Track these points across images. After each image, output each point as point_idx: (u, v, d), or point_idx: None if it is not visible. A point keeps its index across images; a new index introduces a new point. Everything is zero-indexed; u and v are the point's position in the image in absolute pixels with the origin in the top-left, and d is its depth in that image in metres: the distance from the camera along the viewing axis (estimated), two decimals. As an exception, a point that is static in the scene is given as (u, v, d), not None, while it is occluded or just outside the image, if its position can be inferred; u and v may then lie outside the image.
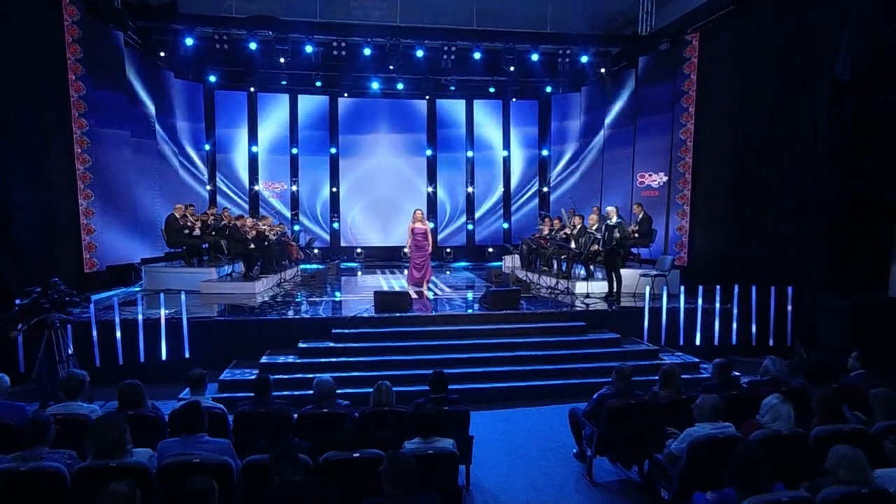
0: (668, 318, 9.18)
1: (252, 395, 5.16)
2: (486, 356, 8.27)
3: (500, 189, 18.64)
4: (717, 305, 9.14)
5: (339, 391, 7.46)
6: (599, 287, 10.97)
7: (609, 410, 5.25)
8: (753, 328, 9.09)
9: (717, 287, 9.10)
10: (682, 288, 9.25)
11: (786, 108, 9.61)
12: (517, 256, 14.53)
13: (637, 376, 7.96)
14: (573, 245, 11.70)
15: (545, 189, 18.42)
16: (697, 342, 9.17)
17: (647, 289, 9.36)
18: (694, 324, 9.19)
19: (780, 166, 9.76)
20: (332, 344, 8.37)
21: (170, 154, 14.63)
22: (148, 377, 7.84)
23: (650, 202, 12.68)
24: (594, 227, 11.32)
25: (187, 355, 8.20)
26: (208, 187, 16.64)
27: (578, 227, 12.03)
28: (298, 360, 8.03)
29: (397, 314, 9.01)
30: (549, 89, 17.69)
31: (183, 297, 8.27)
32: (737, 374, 8.03)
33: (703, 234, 11.67)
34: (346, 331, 8.57)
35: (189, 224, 12.03)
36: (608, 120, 15.19)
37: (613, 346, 8.78)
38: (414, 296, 10.90)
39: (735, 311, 9.12)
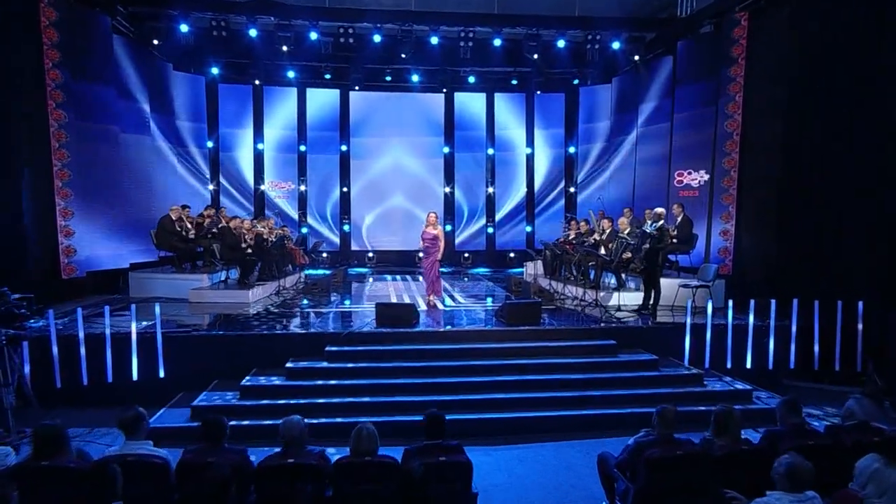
0: (712, 335, 8.11)
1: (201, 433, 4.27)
2: (500, 380, 7.33)
3: (523, 189, 17.68)
4: (772, 322, 8.03)
5: (331, 420, 6.65)
6: (632, 299, 9.95)
7: (649, 462, 4.26)
8: (816, 349, 7.96)
9: (773, 301, 7.99)
10: (731, 302, 8.15)
11: (852, 96, 8.51)
12: (540, 262, 13.52)
13: (676, 406, 7.03)
14: (602, 251, 10.69)
15: (572, 189, 17.39)
16: (748, 365, 8.08)
17: (689, 302, 8.30)
18: (744, 343, 8.10)
19: (845, 162, 8.64)
20: (324, 364, 7.50)
21: (167, 151, 14.01)
22: (117, 399, 7.17)
23: (689, 203, 11.57)
24: (626, 231, 10.32)
25: (162, 375, 7.42)
26: (210, 187, 15.97)
27: (608, 231, 11.02)
28: (285, 383, 7.19)
29: (401, 329, 8.10)
30: (576, 81, 16.65)
31: (157, 308, 7.48)
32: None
33: (750, 239, 10.52)
34: (341, 349, 7.70)
35: (184, 227, 11.31)
36: (642, 113, 14.13)
37: (649, 369, 7.75)
38: (423, 307, 10.00)
39: (794, 328, 7.99)
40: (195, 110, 15.14)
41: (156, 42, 12.44)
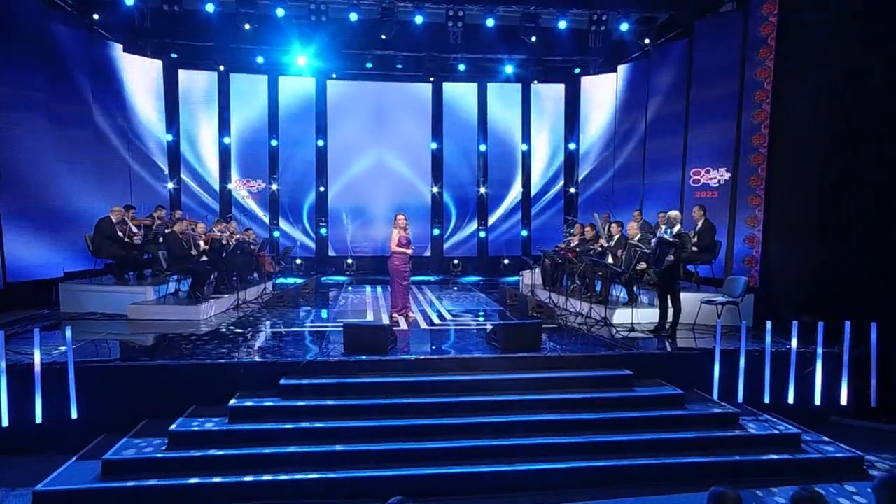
0: (746, 364, 6.97)
1: None
2: (490, 422, 6.15)
3: (519, 189, 16.57)
4: (819, 348, 6.89)
5: (284, 477, 5.42)
6: (646, 316, 8.84)
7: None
8: (873, 382, 6.82)
9: (821, 324, 6.85)
10: (769, 324, 7.00)
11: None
12: (538, 271, 12.37)
13: (710, 455, 5.91)
14: (610, 260, 9.56)
15: (572, 189, 16.31)
16: (790, 400, 6.94)
17: (719, 323, 7.17)
18: (784, 374, 6.95)
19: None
20: (276, 402, 6.29)
21: (117, 144, 12.81)
22: (13, 447, 6.04)
23: (707, 205, 10.44)
24: (636, 238, 9.20)
25: (75, 416, 6.17)
26: (169, 185, 14.74)
27: (617, 237, 9.89)
28: (226, 428, 5.95)
29: (373, 357, 6.89)
30: (577, 70, 15.55)
31: (69, 332, 6.22)
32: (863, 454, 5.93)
33: (783, 247, 9.42)
34: (298, 382, 6.49)
35: (128, 232, 10.06)
36: (652, 105, 13.05)
37: (674, 406, 6.59)
38: (404, 326, 8.83)
39: (846, 356, 6.86)
40: (151, 99, 13.92)
41: (96, 17, 11.17)
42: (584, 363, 7.11)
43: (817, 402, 6.93)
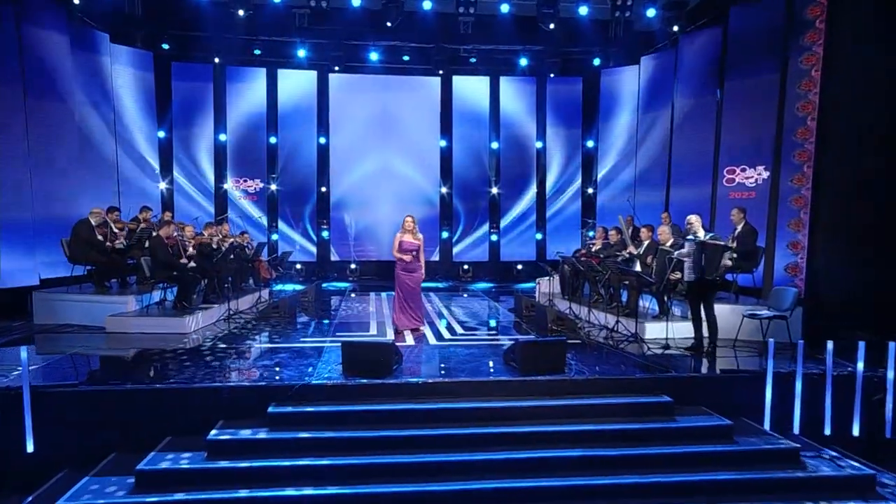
0: (803, 388, 6.17)
1: None
2: (511, 459, 5.38)
3: (533, 190, 15.80)
4: (892, 372, 6.08)
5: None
6: (681, 330, 8.04)
7: None
8: (955, 413, 6.02)
9: (892, 344, 6.04)
10: (831, 344, 6.18)
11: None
12: (556, 279, 11.57)
13: (768, 501, 5.12)
14: (638, 267, 8.77)
15: (590, 190, 15.50)
16: (855, 432, 6.13)
17: (771, 343, 6.35)
18: (849, 401, 6.15)
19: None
20: (263, 433, 5.53)
21: (104, 142, 12.11)
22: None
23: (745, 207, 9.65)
24: (668, 243, 8.38)
25: (31, 449, 5.44)
26: (161, 185, 14.07)
27: (647, 242, 9.08)
28: (202, 465, 5.21)
29: (377, 380, 6.13)
30: (597, 62, 14.73)
31: (24, 353, 5.50)
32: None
33: (834, 254, 8.58)
34: (288, 409, 5.74)
35: (109, 235, 9.35)
36: (679, 98, 12.26)
37: (722, 440, 5.79)
38: (410, 342, 8.07)
39: (921, 382, 6.06)
40: (141, 93, 13.26)
41: (77, 1, 10.47)
42: (616, 388, 6.32)
43: (889, 433, 6.12)
